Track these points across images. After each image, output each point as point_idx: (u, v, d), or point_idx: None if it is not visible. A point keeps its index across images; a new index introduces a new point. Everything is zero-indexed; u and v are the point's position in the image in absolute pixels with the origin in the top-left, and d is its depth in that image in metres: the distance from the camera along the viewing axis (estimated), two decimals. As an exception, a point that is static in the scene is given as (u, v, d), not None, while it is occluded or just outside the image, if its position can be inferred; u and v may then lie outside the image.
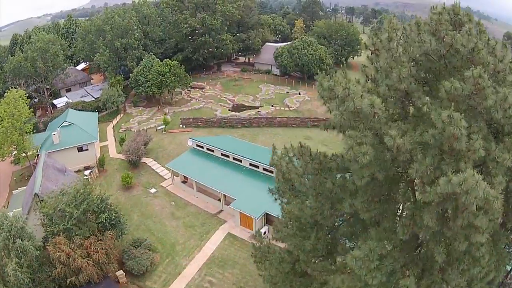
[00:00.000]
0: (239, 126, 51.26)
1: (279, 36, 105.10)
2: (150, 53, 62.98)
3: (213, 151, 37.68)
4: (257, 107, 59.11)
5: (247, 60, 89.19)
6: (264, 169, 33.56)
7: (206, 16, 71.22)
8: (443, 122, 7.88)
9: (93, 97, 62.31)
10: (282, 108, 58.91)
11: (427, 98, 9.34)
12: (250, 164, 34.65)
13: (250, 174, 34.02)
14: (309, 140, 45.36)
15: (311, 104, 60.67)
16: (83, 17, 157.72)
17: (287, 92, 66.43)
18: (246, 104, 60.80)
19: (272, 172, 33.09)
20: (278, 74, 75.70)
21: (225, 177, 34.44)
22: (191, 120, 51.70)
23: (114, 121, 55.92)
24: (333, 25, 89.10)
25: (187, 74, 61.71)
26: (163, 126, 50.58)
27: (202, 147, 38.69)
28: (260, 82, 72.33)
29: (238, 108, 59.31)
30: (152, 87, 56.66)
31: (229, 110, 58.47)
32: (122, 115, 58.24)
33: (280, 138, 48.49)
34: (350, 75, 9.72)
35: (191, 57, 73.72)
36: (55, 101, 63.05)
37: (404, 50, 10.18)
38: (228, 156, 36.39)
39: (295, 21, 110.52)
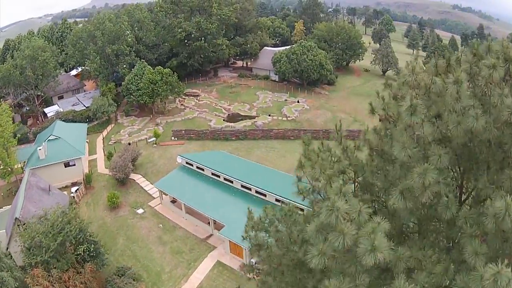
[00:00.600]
0: (233, 138, 49.09)
1: (279, 39, 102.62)
2: (142, 60, 60.59)
3: (203, 169, 35.75)
4: (254, 117, 56.83)
5: (245, 65, 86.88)
6: (256, 191, 31.62)
7: (202, 20, 68.97)
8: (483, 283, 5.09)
9: (84, 105, 60.26)
10: (280, 118, 56.52)
11: (464, 223, 6.27)
12: (242, 186, 32.70)
13: (242, 196, 32.03)
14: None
15: (311, 114, 58.53)
16: (84, 18, 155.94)
17: (286, 100, 64.09)
18: (242, 114, 58.44)
19: (265, 195, 31.20)
20: (277, 80, 73.34)
21: (215, 199, 32.46)
22: (183, 132, 49.51)
23: (105, 132, 53.90)
24: (334, 28, 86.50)
25: (180, 82, 59.25)
26: (154, 139, 48.57)
27: (192, 165, 36.75)
28: (258, 88, 70.00)
29: (233, 118, 56.89)
30: (144, 96, 54.38)
31: (224, 120, 55.96)
32: (113, 125, 56.07)
33: (277, 152, 46.52)
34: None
35: (186, 62, 71.27)
36: (46, 110, 61.16)
37: (428, 113, 6.55)
38: (219, 176, 34.45)
39: (295, 24, 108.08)
